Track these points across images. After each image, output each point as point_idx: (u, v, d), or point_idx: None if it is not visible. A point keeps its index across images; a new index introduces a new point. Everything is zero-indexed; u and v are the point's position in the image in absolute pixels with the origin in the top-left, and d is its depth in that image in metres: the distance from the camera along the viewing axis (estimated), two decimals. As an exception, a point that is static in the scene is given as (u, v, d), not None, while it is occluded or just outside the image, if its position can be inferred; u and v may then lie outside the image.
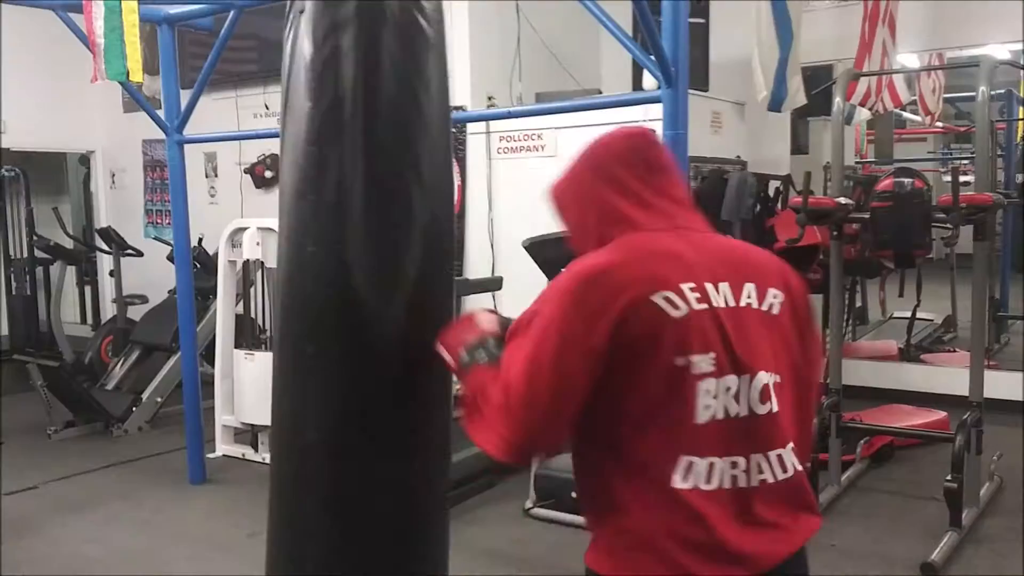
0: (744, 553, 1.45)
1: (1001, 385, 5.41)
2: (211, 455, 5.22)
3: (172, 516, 4.46)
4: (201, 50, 6.44)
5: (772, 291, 1.57)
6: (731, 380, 1.47)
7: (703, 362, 1.45)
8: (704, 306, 1.48)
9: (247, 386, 5.17)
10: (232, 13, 4.37)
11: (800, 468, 1.55)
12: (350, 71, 1.84)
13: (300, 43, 1.88)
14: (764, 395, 1.50)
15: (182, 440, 5.06)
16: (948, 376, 5.70)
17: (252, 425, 5.20)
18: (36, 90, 8.00)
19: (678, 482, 1.44)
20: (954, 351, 6.80)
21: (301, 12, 1.89)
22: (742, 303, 1.53)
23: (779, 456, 1.51)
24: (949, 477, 3.77)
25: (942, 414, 5.17)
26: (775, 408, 1.51)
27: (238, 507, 4.52)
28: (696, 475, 1.44)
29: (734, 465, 1.47)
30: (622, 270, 1.48)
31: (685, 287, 1.47)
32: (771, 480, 1.50)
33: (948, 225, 3.80)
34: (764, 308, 1.55)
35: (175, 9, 4.67)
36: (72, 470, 5.17)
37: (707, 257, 1.55)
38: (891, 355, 6.64)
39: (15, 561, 3.90)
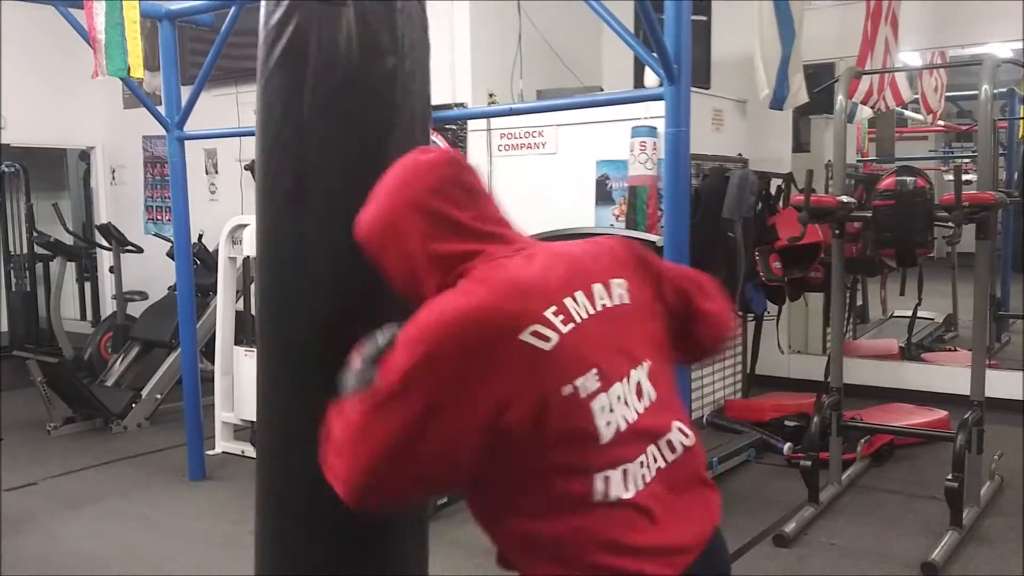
0: (672, 544, 1.43)
1: (1002, 384, 5.41)
2: (211, 452, 5.22)
3: (172, 513, 4.46)
4: (202, 46, 6.43)
5: (615, 282, 1.54)
6: (618, 388, 1.44)
7: (588, 381, 1.41)
8: (571, 326, 1.43)
9: (247, 383, 5.15)
10: (233, 9, 4.36)
11: (689, 443, 1.53)
12: (417, 78, 1.89)
13: (360, 44, 1.82)
14: (638, 391, 1.48)
15: (182, 437, 5.06)
16: (949, 375, 5.70)
17: (252, 422, 5.19)
18: (36, 85, 7.99)
19: (599, 499, 1.40)
20: (955, 350, 6.80)
21: (339, 4, 1.84)
22: (597, 307, 1.48)
23: (667, 441, 1.50)
24: (950, 476, 3.76)
25: (943, 413, 5.16)
26: (654, 396, 1.50)
27: (238, 504, 4.51)
28: (615, 486, 1.41)
29: (642, 464, 1.44)
30: (484, 314, 1.39)
31: (548, 313, 1.41)
32: (663, 465, 1.48)
33: (950, 224, 3.80)
34: (616, 302, 1.52)
35: (176, 5, 4.66)
36: (72, 466, 5.17)
37: (555, 272, 1.49)
38: (892, 354, 6.64)
39: (14, 557, 3.90)
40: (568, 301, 1.45)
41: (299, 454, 1.95)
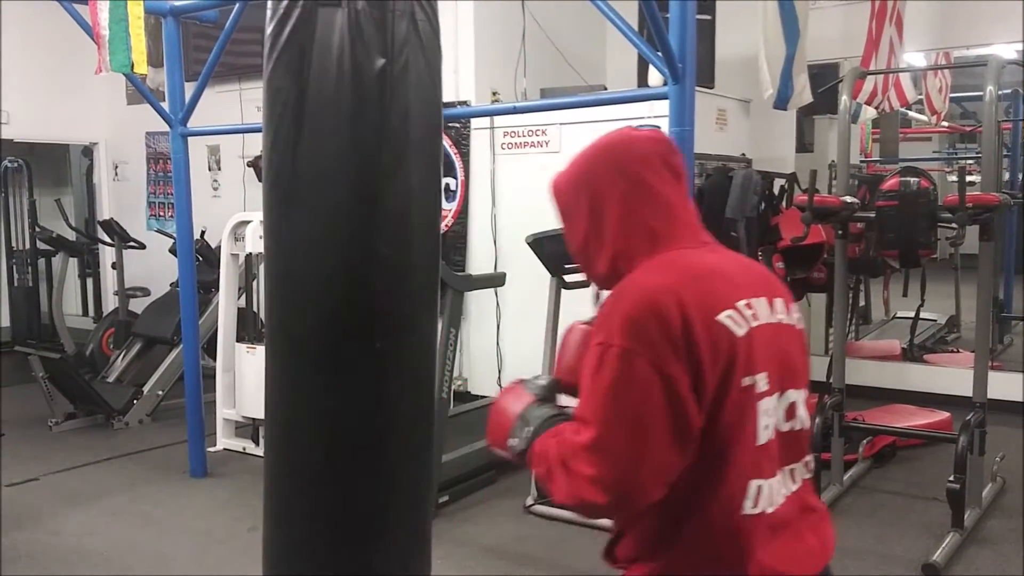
0: (792, 572, 1.43)
1: (1004, 386, 5.40)
2: (212, 449, 5.23)
3: (173, 509, 4.46)
4: (205, 43, 6.43)
5: (793, 305, 1.54)
6: (776, 399, 1.44)
7: (761, 381, 1.41)
8: (757, 323, 1.43)
9: (249, 380, 5.16)
10: (237, 6, 4.36)
11: (808, 476, 1.54)
12: (412, 81, 1.89)
13: (350, 44, 1.84)
14: (790, 412, 1.47)
15: (183, 433, 5.06)
16: (951, 376, 5.70)
17: (253, 419, 5.20)
18: (40, 81, 7.99)
19: (748, 508, 1.39)
20: (957, 351, 6.79)
21: (333, 6, 1.86)
22: (775, 318, 1.48)
23: (791, 471, 1.49)
24: (951, 478, 3.76)
25: (945, 414, 5.16)
26: (805, 424, 1.50)
27: (239, 501, 4.52)
28: (763, 498, 1.40)
29: (781, 483, 1.45)
30: (683, 290, 1.38)
31: (740, 304, 1.42)
32: (788, 493, 1.47)
33: (954, 225, 3.79)
34: (790, 322, 1.52)
35: (180, 1, 4.66)
36: (73, 462, 5.17)
37: (742, 272, 1.49)
38: (894, 355, 6.63)
39: (15, 553, 3.90)
40: (755, 300, 1.45)
41: (304, 454, 1.96)
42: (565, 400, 1.57)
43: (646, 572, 1.46)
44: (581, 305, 5.71)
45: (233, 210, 6.11)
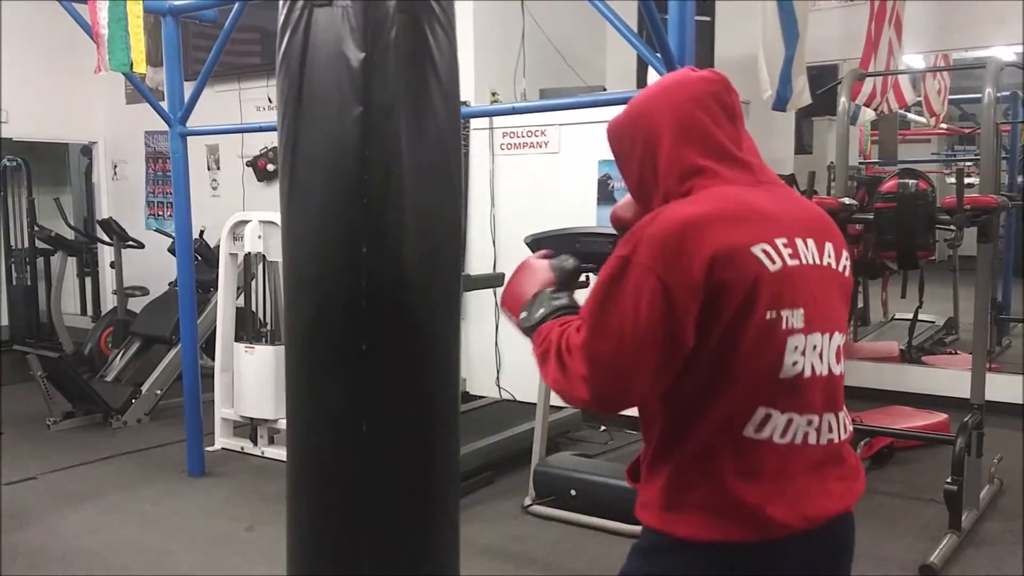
0: (802, 506, 1.46)
1: (1002, 388, 5.41)
2: (210, 448, 5.23)
3: (171, 509, 4.46)
4: (205, 42, 6.44)
5: (844, 252, 1.57)
6: (817, 338, 1.47)
7: (794, 317, 1.43)
8: (796, 262, 1.45)
9: (247, 379, 5.16)
10: (236, 5, 4.35)
11: (847, 436, 1.57)
12: (395, 74, 1.88)
13: (331, 43, 1.88)
14: (838, 355, 1.51)
15: (181, 433, 5.06)
16: (949, 378, 5.70)
17: (251, 419, 5.20)
18: (39, 80, 7.99)
19: (750, 432, 1.43)
20: (955, 353, 6.79)
21: (318, 6, 1.89)
22: (824, 261, 1.51)
23: (842, 417, 1.54)
24: (949, 479, 3.76)
25: (943, 416, 5.16)
26: (837, 371, 1.53)
27: (237, 500, 4.52)
28: (772, 428, 1.44)
29: (809, 423, 1.47)
30: (717, 220, 1.42)
31: (779, 242, 1.44)
32: (836, 440, 1.52)
33: (952, 227, 3.79)
34: (839, 268, 1.55)
35: (179, 1, 4.66)
36: (71, 461, 5.17)
37: (792, 213, 1.51)
38: (892, 356, 6.63)
39: (13, 552, 3.90)
40: (799, 240, 1.47)
41: (337, 459, 1.97)
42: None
43: (650, 487, 1.51)
44: (580, 304, 5.68)
45: (232, 210, 6.11)
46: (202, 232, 6.47)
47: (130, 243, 7.41)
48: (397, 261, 1.91)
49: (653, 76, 4.87)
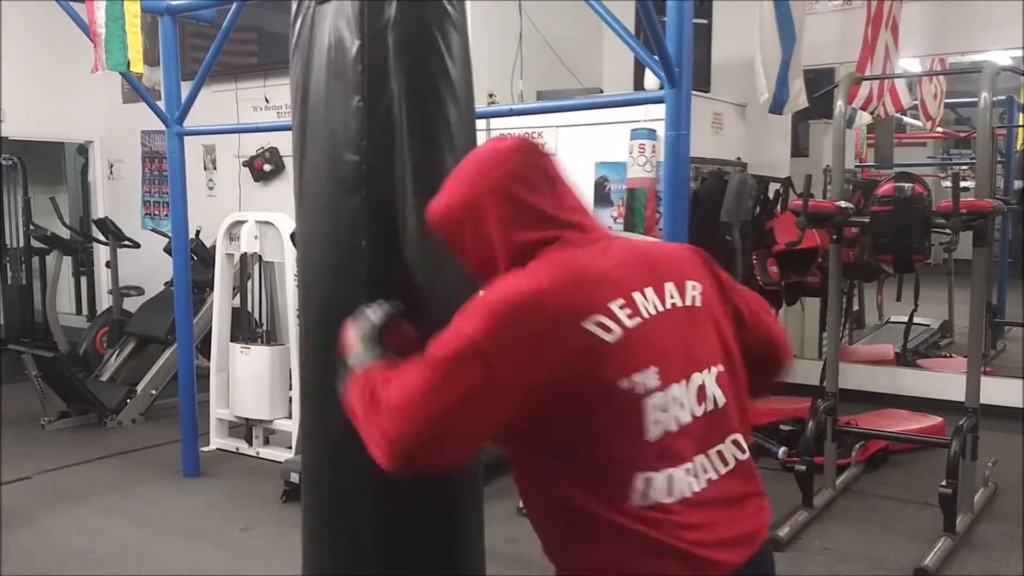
0: (713, 559, 1.41)
1: (997, 391, 5.41)
2: (205, 448, 5.22)
3: (165, 509, 4.45)
4: (202, 42, 6.42)
5: (690, 283, 1.53)
6: (676, 389, 1.43)
7: (647, 379, 1.40)
8: (637, 320, 1.42)
9: (242, 380, 5.15)
10: (234, 5, 4.35)
11: (743, 457, 1.53)
12: (398, 63, 1.86)
13: (332, 36, 1.89)
14: (700, 395, 1.46)
15: (176, 433, 5.05)
16: (944, 381, 5.70)
17: (247, 419, 5.19)
18: (35, 79, 7.97)
19: (636, 500, 1.39)
20: (950, 356, 6.81)
21: (320, 3, 1.90)
22: (667, 305, 1.48)
23: (718, 452, 1.49)
24: (944, 483, 3.77)
25: (938, 419, 5.17)
26: (720, 402, 1.49)
27: (232, 501, 4.51)
28: (657, 489, 1.39)
29: (688, 472, 1.43)
30: (551, 297, 1.40)
31: (614, 306, 1.41)
32: (715, 477, 1.47)
33: (948, 230, 3.80)
34: (688, 303, 1.51)
35: (177, 0, 4.65)
36: (66, 461, 5.16)
37: (627, 265, 1.49)
38: (887, 359, 6.64)
39: (7, 552, 3.88)
40: (637, 295, 1.45)
41: (354, 460, 1.95)
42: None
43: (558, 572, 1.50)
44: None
45: (228, 210, 6.10)
46: (198, 232, 6.46)
47: (126, 243, 7.40)
48: (398, 256, 1.88)
49: (650, 78, 4.88)
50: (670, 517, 1.40)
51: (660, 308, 1.46)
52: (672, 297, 1.49)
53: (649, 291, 1.46)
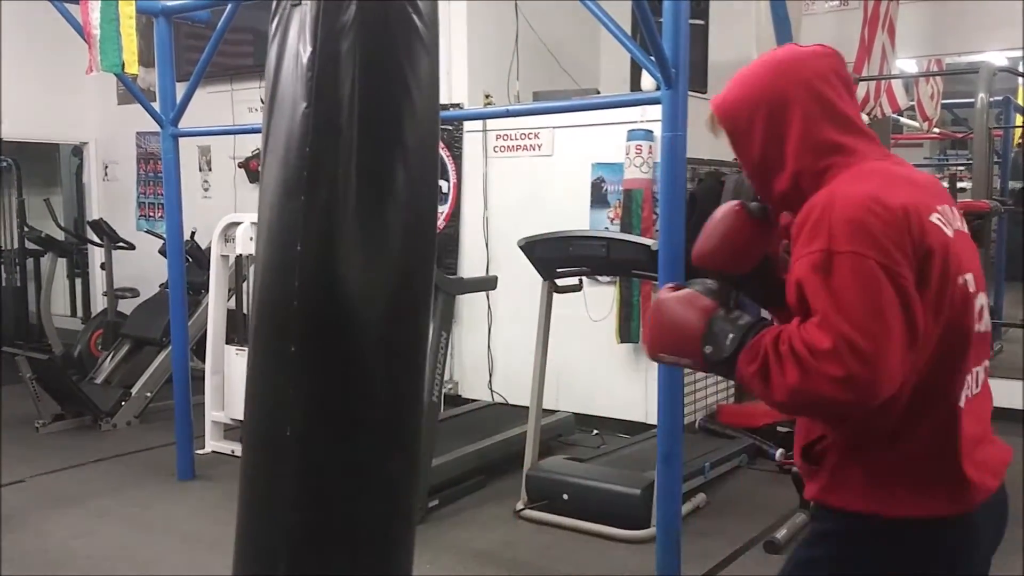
0: (989, 466, 1.50)
1: (995, 392, 5.38)
2: (200, 451, 5.20)
3: (160, 512, 4.43)
4: (197, 43, 6.40)
5: (957, 211, 1.58)
6: (982, 298, 1.51)
7: (970, 280, 1.47)
8: (951, 228, 1.47)
9: (238, 382, 5.12)
10: (229, 6, 4.34)
11: (978, 390, 1.57)
12: (349, 73, 1.85)
13: (294, 41, 1.90)
14: (981, 313, 1.53)
15: (171, 435, 5.03)
16: (941, 382, 5.69)
17: (242, 421, 5.16)
18: (30, 80, 7.94)
19: (962, 400, 1.46)
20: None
21: (294, 6, 1.91)
22: (959, 226, 1.52)
23: (977, 372, 1.55)
24: (942, 484, 3.75)
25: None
26: (986, 326, 1.55)
27: (227, 504, 4.45)
28: (968, 388, 1.48)
29: (971, 377, 1.51)
30: (895, 196, 1.40)
31: (941, 208, 1.46)
32: (970, 395, 1.52)
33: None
34: (966, 231, 1.56)
35: (172, 1, 4.64)
36: (60, 464, 5.13)
37: (925, 182, 1.53)
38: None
39: (1, 556, 3.86)
40: (944, 207, 1.49)
41: (290, 453, 1.94)
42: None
43: (842, 468, 1.49)
44: (573, 308, 5.69)
45: (224, 211, 6.09)
46: (193, 234, 6.44)
47: (121, 244, 7.38)
48: (335, 264, 1.86)
49: (647, 79, 4.87)
50: (965, 424, 1.47)
51: (958, 226, 1.51)
52: (956, 218, 1.53)
53: (949, 208, 1.51)
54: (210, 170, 7.74)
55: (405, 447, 2.03)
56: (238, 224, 5.21)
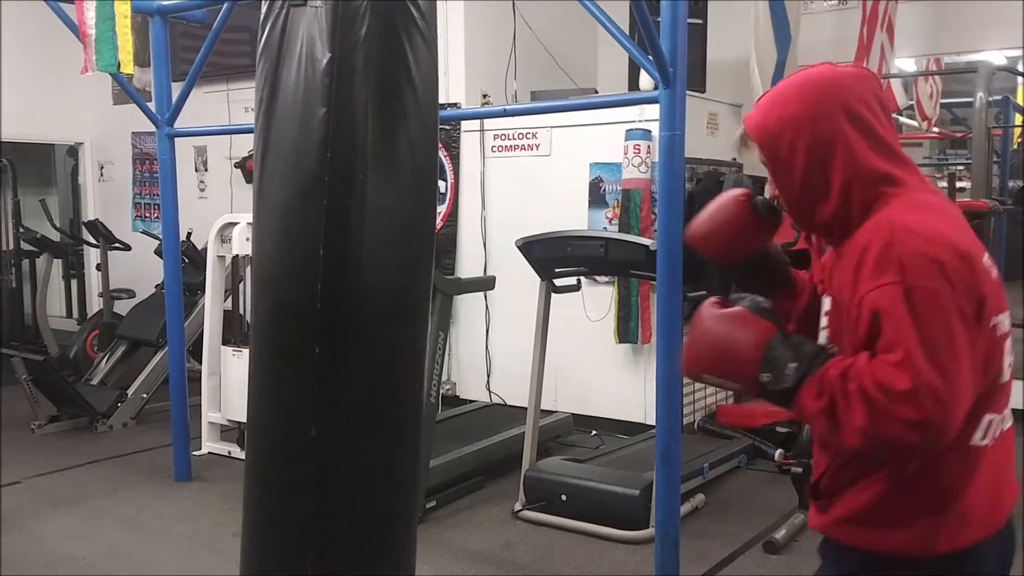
0: (1000, 503, 1.49)
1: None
2: (197, 452, 5.18)
3: (157, 514, 4.41)
4: (193, 42, 6.39)
5: None
6: (1009, 342, 1.48)
7: (1004, 321, 1.45)
8: (995, 267, 1.46)
9: (234, 383, 5.11)
10: (224, 6, 4.32)
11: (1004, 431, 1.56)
12: (365, 77, 1.87)
13: (304, 45, 1.88)
14: (1012, 367, 1.51)
15: (168, 437, 5.01)
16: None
17: (239, 423, 5.15)
18: (25, 80, 7.91)
19: (976, 439, 1.43)
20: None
21: (294, 6, 1.90)
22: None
23: (1003, 416, 1.52)
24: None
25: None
26: (1008, 375, 1.53)
27: (223, 505, 4.47)
28: (990, 431, 1.45)
29: (1001, 419, 1.48)
30: (959, 236, 1.40)
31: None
32: (1004, 429, 1.50)
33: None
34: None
35: (168, 1, 4.62)
36: (56, 466, 5.11)
37: (964, 219, 1.51)
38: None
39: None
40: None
41: (312, 454, 1.93)
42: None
43: (850, 502, 1.48)
44: (571, 308, 5.67)
45: (220, 211, 6.07)
46: (189, 234, 6.42)
47: (116, 245, 7.35)
48: (356, 267, 1.89)
49: (645, 79, 4.86)
50: (982, 462, 1.45)
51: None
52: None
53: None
54: (206, 170, 7.72)
55: (409, 447, 2.05)
56: (234, 224, 5.19)
